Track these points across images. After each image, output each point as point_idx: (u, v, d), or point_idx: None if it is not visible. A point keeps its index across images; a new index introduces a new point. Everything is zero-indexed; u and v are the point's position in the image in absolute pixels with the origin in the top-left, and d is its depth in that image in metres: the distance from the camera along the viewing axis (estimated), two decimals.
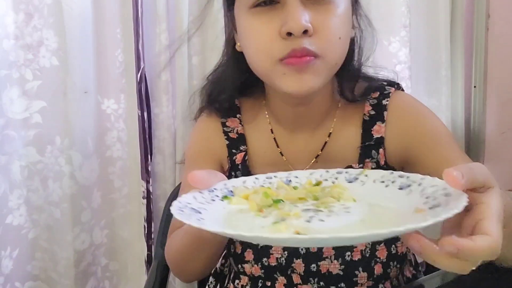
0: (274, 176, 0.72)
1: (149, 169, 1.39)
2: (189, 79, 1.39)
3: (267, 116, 0.98)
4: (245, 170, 0.95)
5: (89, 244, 1.40)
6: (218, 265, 1.06)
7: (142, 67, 1.32)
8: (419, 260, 1.02)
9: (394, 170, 0.88)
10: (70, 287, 1.37)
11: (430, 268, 0.89)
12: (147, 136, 1.37)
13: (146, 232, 1.39)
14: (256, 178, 0.72)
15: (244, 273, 0.95)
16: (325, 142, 0.94)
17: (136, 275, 1.46)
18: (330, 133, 0.94)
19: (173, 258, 0.94)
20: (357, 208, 0.61)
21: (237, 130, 0.98)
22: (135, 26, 1.30)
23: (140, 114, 1.35)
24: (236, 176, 0.94)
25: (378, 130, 0.92)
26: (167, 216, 1.19)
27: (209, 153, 0.99)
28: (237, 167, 0.96)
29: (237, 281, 0.97)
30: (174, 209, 0.57)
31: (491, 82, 1.74)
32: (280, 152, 0.96)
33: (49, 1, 1.24)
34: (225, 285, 1.01)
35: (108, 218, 1.42)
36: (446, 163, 0.74)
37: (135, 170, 1.39)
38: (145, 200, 1.39)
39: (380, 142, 0.91)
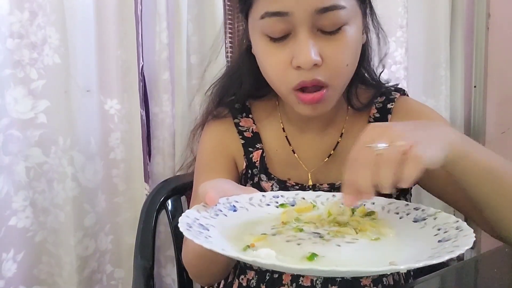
0: (281, 196, 0.76)
1: (148, 170, 1.34)
2: (188, 78, 1.36)
3: (279, 115, 1.01)
4: (263, 167, 0.97)
5: (94, 250, 1.34)
6: None
7: (141, 65, 1.29)
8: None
9: None
10: None
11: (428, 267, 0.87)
12: (145, 136, 1.33)
13: None
14: (263, 195, 0.75)
15: (251, 268, 0.96)
16: (337, 142, 0.98)
17: None
18: (342, 133, 0.98)
19: (193, 262, 0.94)
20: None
21: (252, 129, 1.01)
22: (136, 24, 1.27)
23: (142, 113, 1.31)
24: (253, 174, 0.99)
25: None
26: (145, 222, 1.14)
27: (223, 155, 1.00)
28: (254, 165, 0.98)
29: (242, 276, 0.98)
30: (182, 225, 0.60)
31: (491, 82, 1.70)
32: (292, 150, 0.99)
33: None
34: (229, 280, 0.99)
35: (113, 223, 1.37)
36: None
37: (138, 172, 1.35)
38: None
39: None
